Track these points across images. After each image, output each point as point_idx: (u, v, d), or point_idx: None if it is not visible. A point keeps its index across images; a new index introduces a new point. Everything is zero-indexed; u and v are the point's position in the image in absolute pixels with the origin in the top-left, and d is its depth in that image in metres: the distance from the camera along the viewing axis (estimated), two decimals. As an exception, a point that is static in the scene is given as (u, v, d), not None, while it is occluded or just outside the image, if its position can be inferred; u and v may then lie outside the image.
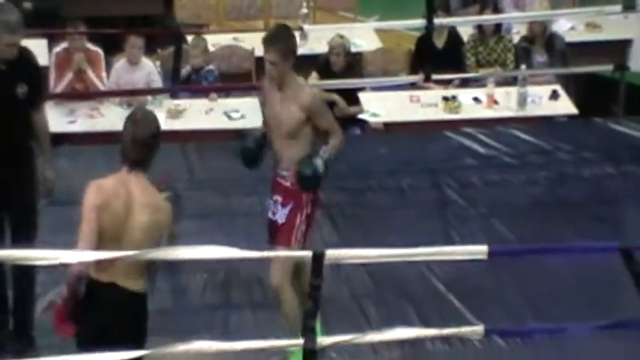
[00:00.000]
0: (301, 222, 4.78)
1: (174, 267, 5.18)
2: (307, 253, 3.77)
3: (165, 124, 7.08)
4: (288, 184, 4.79)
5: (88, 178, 6.33)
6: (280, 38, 4.86)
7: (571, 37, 8.10)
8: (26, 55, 4.82)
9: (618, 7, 7.10)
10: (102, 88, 7.34)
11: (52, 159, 5.13)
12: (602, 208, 6.19)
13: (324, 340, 4.04)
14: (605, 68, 7.49)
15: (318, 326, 4.35)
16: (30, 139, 4.90)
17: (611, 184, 6.48)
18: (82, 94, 7.29)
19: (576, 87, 7.74)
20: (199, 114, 7.21)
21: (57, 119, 6.96)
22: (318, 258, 3.75)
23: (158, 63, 7.67)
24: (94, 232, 3.90)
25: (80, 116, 7.10)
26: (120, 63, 7.43)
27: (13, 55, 4.66)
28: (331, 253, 3.87)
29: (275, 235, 4.82)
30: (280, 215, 4.80)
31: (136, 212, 3.96)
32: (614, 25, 8.10)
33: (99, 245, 3.89)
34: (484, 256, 3.86)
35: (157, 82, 7.47)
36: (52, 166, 5.07)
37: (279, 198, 4.82)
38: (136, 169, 4.01)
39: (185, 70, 7.53)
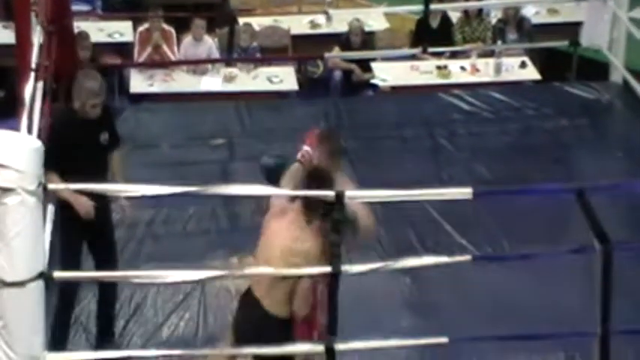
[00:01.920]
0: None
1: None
2: (330, 193, 3.57)
3: (222, 86, 7.00)
4: None
5: (162, 127, 6.39)
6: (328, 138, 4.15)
7: (536, 20, 7.86)
8: (106, 109, 4.39)
9: (573, -4, 6.89)
10: (173, 59, 7.18)
11: None
12: (559, 152, 6.03)
13: (349, 269, 3.77)
14: (562, 44, 7.25)
15: None
16: (107, 176, 4.38)
17: (565, 134, 6.30)
18: (159, 63, 7.16)
19: (540, 58, 7.51)
20: (248, 79, 7.06)
21: (139, 83, 6.89)
22: (339, 197, 3.57)
23: (216, 40, 7.49)
24: None
25: (157, 80, 6.96)
26: (187, 39, 7.26)
27: (97, 114, 4.21)
28: (349, 194, 3.69)
29: None
30: None
31: None
32: (570, 10, 7.83)
33: None
34: (469, 197, 3.71)
35: (216, 55, 7.29)
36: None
37: None
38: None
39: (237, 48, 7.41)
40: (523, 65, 7.19)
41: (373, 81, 7.25)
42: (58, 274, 3.15)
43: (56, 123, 4.38)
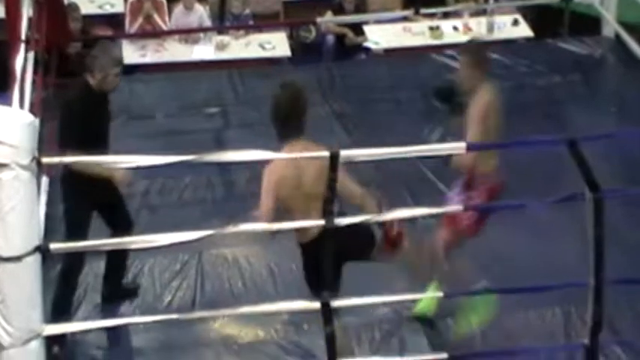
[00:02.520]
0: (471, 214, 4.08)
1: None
2: (325, 154, 3.60)
3: (215, 55, 6.99)
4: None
5: (156, 97, 6.40)
6: (469, 50, 4.20)
7: (528, -24, 7.86)
8: None
9: (564, -49, 6.85)
10: (165, 28, 7.17)
11: None
12: (552, 108, 6.03)
13: (341, 221, 3.82)
14: (554, 0, 7.24)
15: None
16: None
17: (558, 90, 6.29)
18: (151, 33, 7.14)
19: (532, 15, 7.50)
20: (240, 47, 7.04)
21: (131, 53, 6.87)
22: (334, 157, 3.60)
23: (207, 8, 7.46)
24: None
25: (149, 51, 6.96)
26: (178, 9, 7.23)
27: (118, 83, 4.21)
28: (344, 154, 3.72)
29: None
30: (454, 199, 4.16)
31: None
32: (562, -34, 7.81)
33: None
34: (463, 151, 3.74)
35: (207, 23, 7.26)
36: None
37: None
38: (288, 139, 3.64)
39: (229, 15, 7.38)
40: (515, 23, 7.18)
41: (366, 44, 7.23)
42: (54, 246, 3.18)
43: (76, 100, 4.23)
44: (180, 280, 4.71)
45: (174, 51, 6.97)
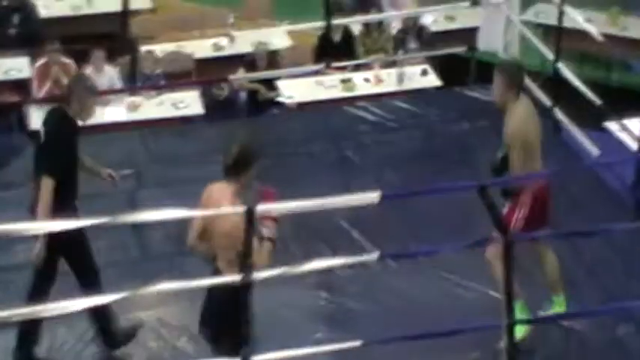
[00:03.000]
0: (517, 219, 4.22)
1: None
2: (240, 209, 3.60)
3: (127, 116, 6.95)
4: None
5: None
6: (505, 68, 4.38)
7: (435, 27, 8.15)
8: None
9: (467, 3, 7.09)
10: (75, 91, 7.13)
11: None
12: (463, 155, 6.20)
13: (258, 275, 3.83)
14: (461, 49, 7.48)
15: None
16: None
17: (468, 136, 6.48)
18: (59, 97, 7.04)
19: (440, 65, 7.73)
20: (153, 106, 7.03)
21: (39, 119, 6.73)
22: (249, 212, 3.61)
23: (118, 69, 7.45)
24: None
25: (58, 115, 6.88)
26: (87, 71, 7.18)
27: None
28: (260, 207, 3.74)
29: None
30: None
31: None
32: (465, 16, 8.08)
33: None
34: (377, 200, 3.81)
35: (118, 84, 7.25)
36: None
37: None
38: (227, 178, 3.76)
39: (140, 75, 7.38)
40: (424, 73, 7.39)
41: (279, 99, 7.32)
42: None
43: (60, 126, 4.42)
44: (95, 346, 4.59)
45: (85, 114, 6.91)
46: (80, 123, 4.46)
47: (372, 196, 3.70)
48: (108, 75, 7.21)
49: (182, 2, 9.62)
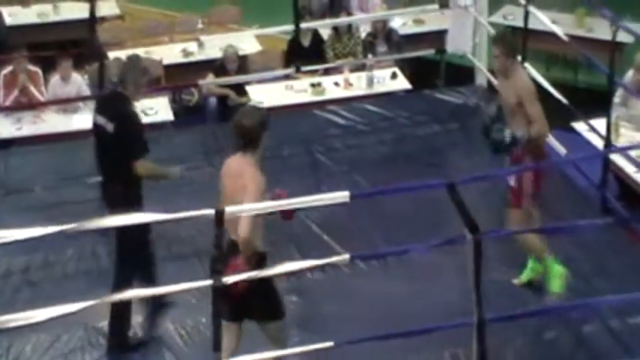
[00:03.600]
0: (527, 186, 4.64)
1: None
2: (210, 212, 3.61)
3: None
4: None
5: (34, 170, 6.27)
6: (503, 39, 4.79)
7: (404, 31, 8.17)
8: None
9: (436, 6, 7.17)
10: (42, 99, 7.09)
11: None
12: (433, 157, 6.25)
13: (228, 280, 3.85)
14: (429, 52, 7.55)
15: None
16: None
17: (437, 139, 6.54)
18: (26, 105, 7.04)
19: (409, 68, 7.78)
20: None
21: (7, 127, 6.75)
22: (219, 214, 3.62)
23: (86, 76, 7.42)
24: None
25: (25, 123, 6.86)
26: (55, 79, 7.18)
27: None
28: (229, 210, 3.75)
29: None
30: (511, 179, 4.71)
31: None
32: (434, 19, 8.16)
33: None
34: (347, 199, 3.84)
35: (86, 92, 7.21)
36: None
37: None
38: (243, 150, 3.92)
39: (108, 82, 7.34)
40: (394, 76, 7.43)
41: (249, 104, 7.31)
42: None
43: (131, 107, 4.51)
44: (64, 357, 4.57)
45: (53, 122, 6.89)
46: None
47: (342, 195, 3.74)
48: (76, 82, 7.18)
49: (150, 8, 9.62)
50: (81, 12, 8.14)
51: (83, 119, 6.91)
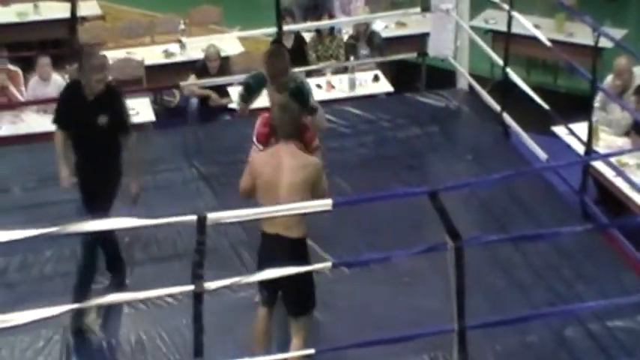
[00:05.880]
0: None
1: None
2: (192, 218, 3.57)
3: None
4: None
5: (12, 170, 6.19)
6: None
7: (386, 34, 8.18)
8: (111, 91, 4.68)
9: (418, 9, 7.16)
10: (22, 99, 7.01)
11: (139, 175, 4.86)
12: (413, 160, 6.24)
13: (210, 285, 3.82)
14: (411, 55, 7.55)
15: None
16: (114, 160, 4.72)
17: (418, 142, 6.52)
18: (6, 105, 6.96)
19: (391, 71, 7.79)
20: (102, 114, 6.93)
21: (-14, 128, 6.66)
22: (201, 220, 3.58)
23: (67, 76, 7.34)
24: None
25: (4, 123, 6.78)
26: (34, 79, 7.11)
27: (100, 89, 4.58)
28: (211, 216, 3.71)
29: None
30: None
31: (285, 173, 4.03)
32: (416, 23, 8.16)
33: (262, 203, 4.02)
34: (329, 208, 3.81)
35: (66, 92, 7.16)
36: (138, 181, 4.84)
37: None
38: (286, 140, 4.10)
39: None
40: (376, 79, 7.43)
41: (231, 105, 7.28)
42: None
43: (65, 89, 4.91)
44: (43, 358, 4.51)
45: (32, 122, 6.81)
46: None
47: (324, 203, 3.71)
48: (56, 83, 7.09)
49: (132, 8, 9.55)
50: (61, 11, 8.09)
51: (63, 120, 6.84)
